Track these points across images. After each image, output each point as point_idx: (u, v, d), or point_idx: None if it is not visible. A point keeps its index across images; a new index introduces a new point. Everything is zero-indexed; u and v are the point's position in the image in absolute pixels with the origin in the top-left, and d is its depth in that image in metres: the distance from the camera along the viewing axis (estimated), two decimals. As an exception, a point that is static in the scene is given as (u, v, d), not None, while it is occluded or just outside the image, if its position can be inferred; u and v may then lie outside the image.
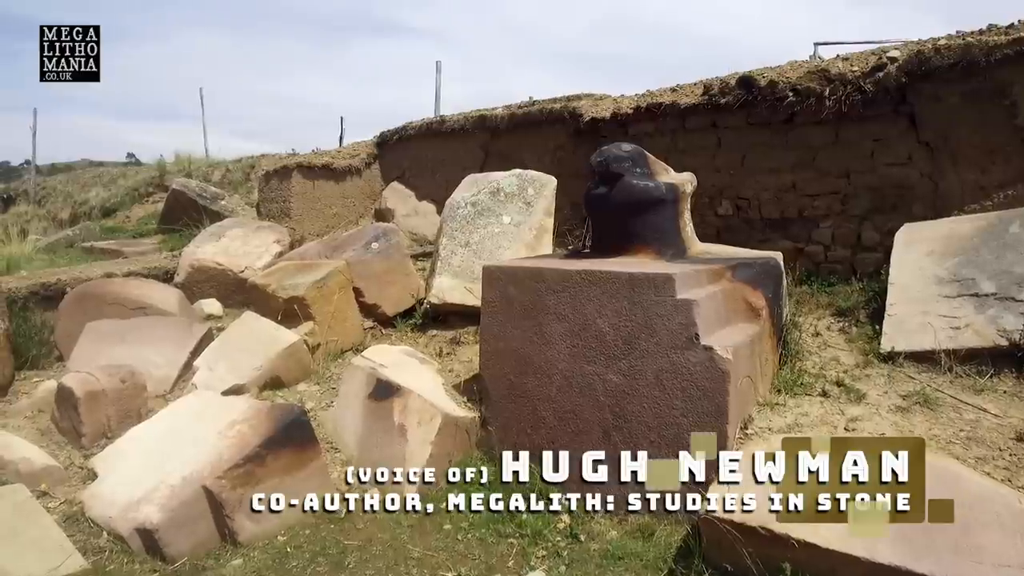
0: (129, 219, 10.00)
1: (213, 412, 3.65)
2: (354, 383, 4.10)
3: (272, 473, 3.25)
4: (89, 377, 3.84)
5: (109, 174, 13.22)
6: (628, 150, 3.67)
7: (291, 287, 4.71)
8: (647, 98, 5.86)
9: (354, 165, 8.29)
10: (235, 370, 4.29)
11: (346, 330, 4.92)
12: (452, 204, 5.32)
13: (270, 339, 4.46)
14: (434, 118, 7.81)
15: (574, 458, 3.47)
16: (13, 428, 4.05)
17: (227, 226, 6.56)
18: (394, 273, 5.24)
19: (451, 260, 5.13)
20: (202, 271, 5.80)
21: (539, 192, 5.38)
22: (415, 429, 3.71)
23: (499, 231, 5.23)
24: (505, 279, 3.75)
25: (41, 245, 8.59)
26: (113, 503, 3.19)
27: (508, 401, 3.77)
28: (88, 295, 5.01)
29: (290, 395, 4.41)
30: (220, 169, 10.65)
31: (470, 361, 4.73)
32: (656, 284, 3.15)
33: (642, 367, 3.23)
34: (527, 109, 6.83)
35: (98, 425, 3.82)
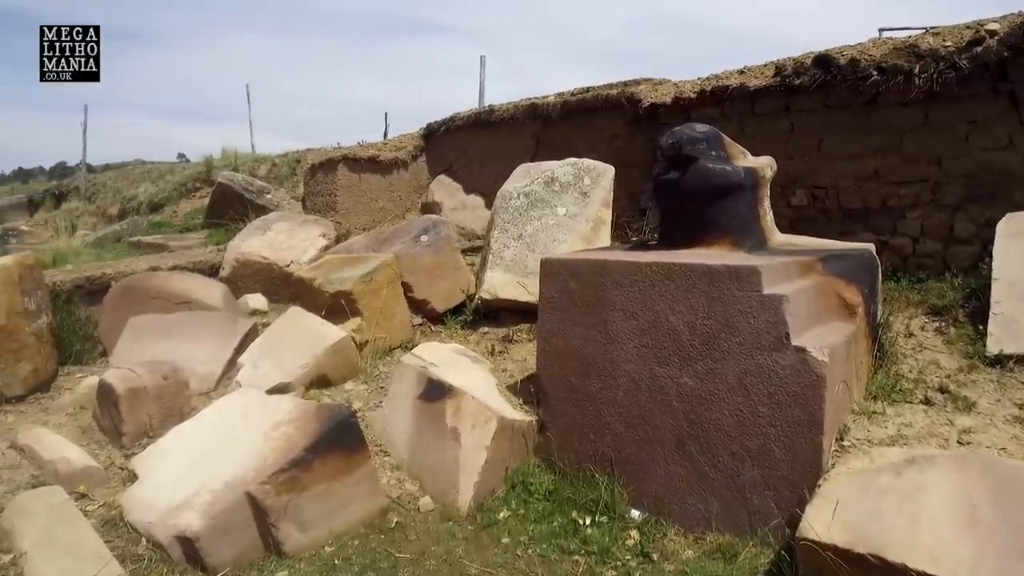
0: (176, 214, 10.01)
1: (258, 412, 3.47)
2: (404, 382, 3.89)
3: (319, 479, 3.05)
4: (130, 374, 3.70)
5: (158, 170, 13.35)
6: (703, 131, 3.37)
7: (338, 281, 4.52)
8: (712, 81, 5.52)
9: (400, 158, 8.10)
10: (280, 367, 4.11)
11: (394, 326, 4.72)
12: (504, 195, 5.07)
13: (316, 335, 4.27)
14: (482, 108, 7.58)
15: (643, 468, 3.22)
16: (54, 425, 3.94)
17: (272, 220, 6.43)
18: (444, 267, 5.02)
19: (503, 254, 4.88)
20: (247, 265, 5.66)
21: (596, 182, 5.10)
22: (469, 433, 3.47)
23: (554, 223, 4.97)
24: (565, 273, 3.49)
25: (89, 240, 8.63)
26: (153, 508, 3.02)
27: (568, 404, 3.51)
28: (132, 289, 4.90)
29: (337, 394, 4.22)
30: (266, 164, 10.60)
31: (524, 360, 4.48)
32: (739, 278, 2.85)
33: (722, 370, 2.93)
34: (581, 96, 6.53)
35: (139, 424, 3.67)
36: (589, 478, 3.37)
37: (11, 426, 3.93)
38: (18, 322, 4.12)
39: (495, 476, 3.47)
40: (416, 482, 3.55)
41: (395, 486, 3.50)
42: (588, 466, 3.41)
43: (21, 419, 4.03)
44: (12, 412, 4.11)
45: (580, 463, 3.46)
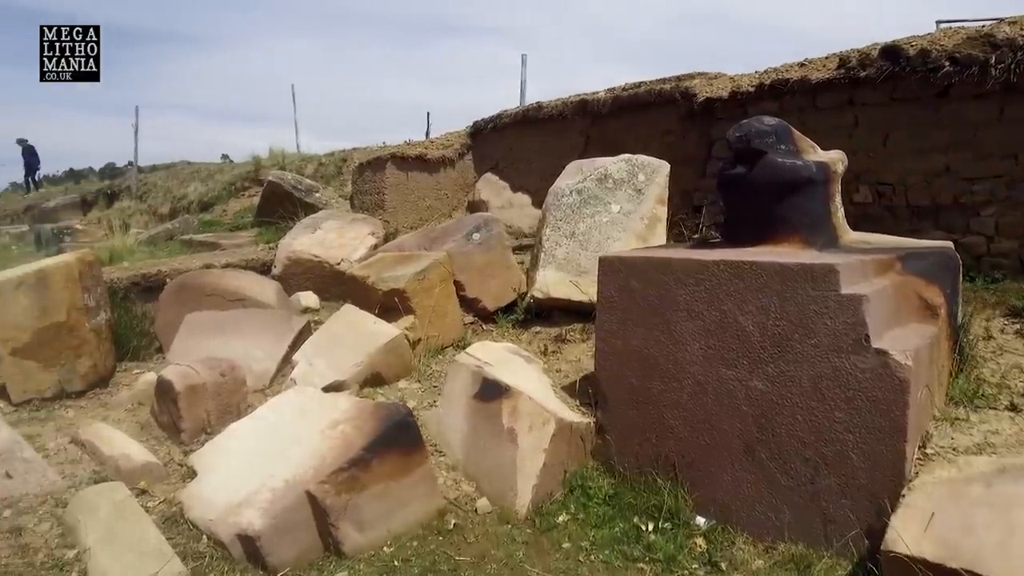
0: (226, 213, 10.15)
1: (315, 410, 3.45)
2: (458, 382, 3.84)
3: (377, 478, 3.01)
4: (189, 370, 3.71)
5: (207, 169, 13.57)
6: (772, 124, 3.24)
7: (391, 279, 4.49)
8: (771, 75, 5.37)
9: (447, 156, 8.08)
10: (335, 365, 4.10)
11: (446, 325, 4.68)
12: (556, 192, 4.99)
13: (370, 334, 4.25)
14: (530, 105, 7.51)
15: (709, 473, 3.11)
16: (114, 421, 3.98)
17: (322, 218, 6.45)
18: (495, 266, 4.96)
19: (555, 252, 4.81)
20: (299, 263, 5.68)
21: (651, 178, 4.99)
22: (526, 434, 3.41)
23: (607, 220, 4.87)
24: (626, 271, 3.40)
25: (142, 238, 8.79)
26: (213, 505, 3.01)
27: (629, 407, 3.43)
28: (187, 286, 4.95)
29: (391, 392, 4.19)
30: (313, 163, 10.69)
31: (578, 361, 4.40)
32: (815, 277, 2.73)
33: (795, 373, 2.81)
34: (633, 91, 6.42)
35: (198, 420, 3.69)
36: (651, 483, 3.28)
37: (71, 421, 3.98)
38: (78, 318, 4.18)
39: (553, 479, 3.40)
40: (472, 483, 3.50)
41: (451, 487, 3.45)
42: (649, 470, 3.31)
43: (81, 414, 4.09)
44: (72, 407, 4.17)
45: (641, 467, 3.37)
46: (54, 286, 4.09)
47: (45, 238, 13.40)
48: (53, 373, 4.16)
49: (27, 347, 4.08)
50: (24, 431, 3.76)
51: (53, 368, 4.16)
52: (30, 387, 4.13)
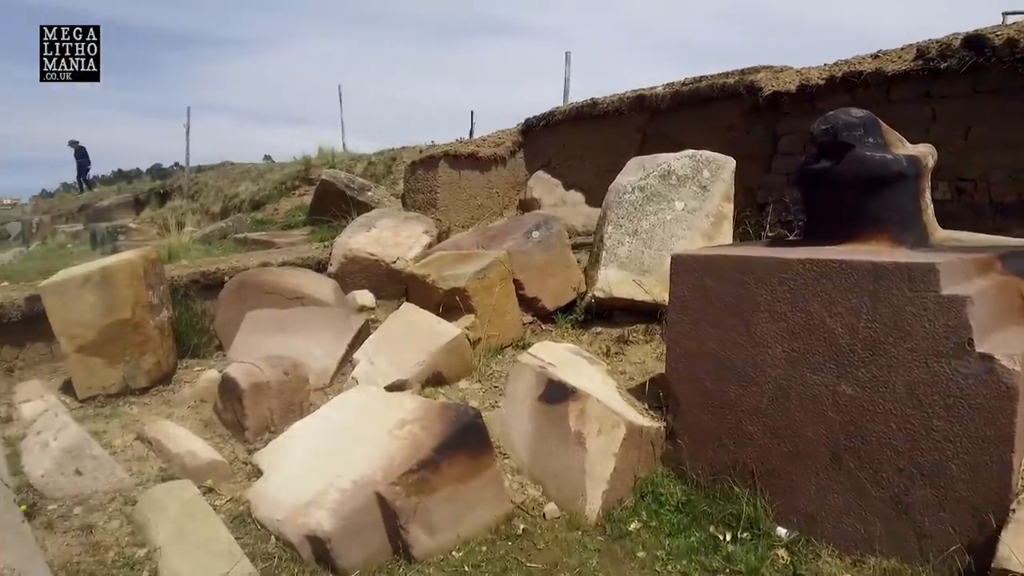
0: (277, 211, 10.25)
1: (380, 409, 3.42)
2: (521, 383, 3.77)
3: (447, 481, 2.96)
4: (253, 368, 3.71)
5: (257, 169, 13.75)
6: (859, 116, 3.10)
7: (451, 278, 4.44)
8: (842, 67, 5.18)
9: (499, 154, 8.02)
10: (396, 364, 4.07)
11: (505, 324, 4.61)
12: (617, 189, 4.89)
13: (431, 333, 4.21)
14: (584, 101, 7.40)
15: (791, 482, 2.98)
16: (177, 418, 4.01)
17: (376, 217, 6.45)
18: (555, 265, 4.88)
19: (617, 250, 4.70)
20: (355, 261, 5.68)
21: (716, 175, 4.85)
22: (594, 438, 3.32)
23: (671, 218, 4.75)
24: (701, 270, 3.29)
25: (197, 236, 8.93)
26: (280, 505, 2.99)
27: (703, 411, 3.31)
28: (246, 284, 4.97)
29: (452, 392, 4.14)
30: (362, 162, 10.73)
31: (642, 362, 4.30)
32: (912, 276, 2.58)
33: (888, 378, 2.67)
34: (693, 85, 6.27)
35: (262, 419, 3.68)
36: (727, 491, 3.16)
37: (136, 418, 4.02)
38: (143, 315, 4.22)
39: (623, 485, 3.31)
40: (538, 487, 3.42)
41: (517, 491, 3.38)
42: (725, 478, 3.20)
43: (145, 411, 4.13)
44: (136, 404, 4.21)
45: (716, 474, 3.25)
46: (119, 283, 4.14)
47: (100, 236, 13.75)
48: (118, 370, 4.21)
49: (92, 344, 4.14)
50: (90, 427, 3.81)
51: (118, 365, 4.21)
52: (95, 383, 4.19)
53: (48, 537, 2.80)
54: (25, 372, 4.79)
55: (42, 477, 3.08)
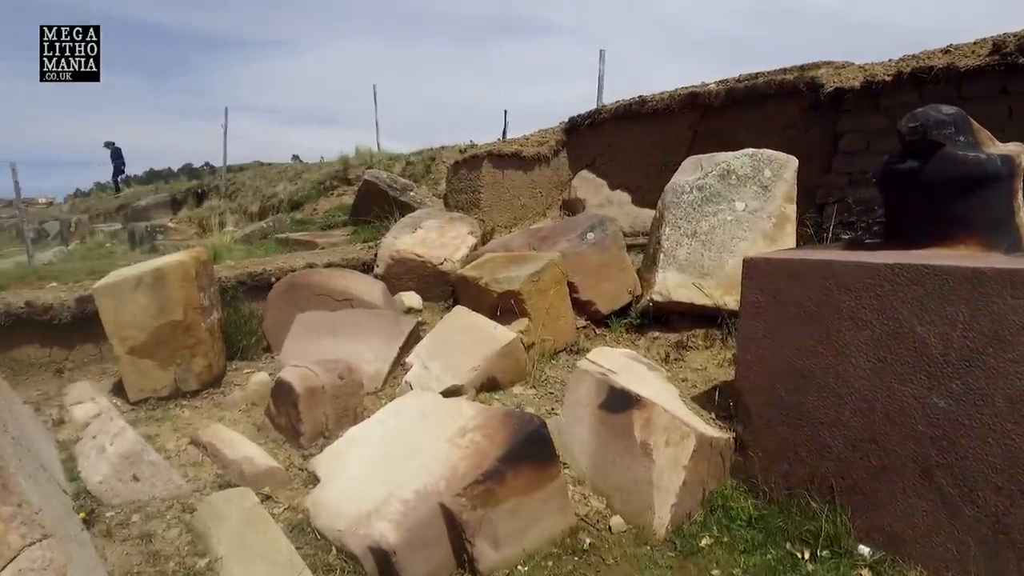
0: (316, 211, 10.28)
1: (438, 415, 3.35)
2: (581, 390, 3.67)
3: (511, 493, 2.87)
4: (308, 372, 3.67)
5: (294, 169, 13.85)
6: (950, 113, 2.95)
7: (505, 280, 4.36)
8: (910, 62, 4.99)
9: (542, 153, 7.92)
10: (451, 369, 4.00)
11: (559, 329, 4.52)
12: (675, 189, 4.77)
13: (486, 337, 4.13)
14: (633, 99, 7.27)
15: (875, 498, 2.85)
16: (229, 422, 3.98)
17: (421, 217, 6.40)
18: (610, 267, 4.78)
19: (676, 253, 4.58)
20: (402, 263, 5.63)
21: (777, 174, 4.71)
22: (662, 449, 3.21)
23: (731, 219, 4.62)
24: (775, 274, 3.16)
25: (238, 236, 8.98)
26: (340, 514, 2.94)
27: (777, 422, 3.19)
28: (295, 285, 4.95)
29: (507, 398, 4.06)
30: (400, 162, 10.72)
31: (703, 369, 4.18)
32: (1016, 283, 2.44)
33: (987, 390, 2.52)
34: (749, 82, 6.11)
35: (317, 424, 3.64)
36: (803, 506, 3.04)
37: (188, 421, 4.00)
38: (194, 317, 4.21)
39: (692, 498, 3.19)
40: (602, 499, 3.33)
41: (580, 502, 3.29)
42: (801, 492, 3.08)
43: (196, 414, 4.11)
44: (187, 407, 4.20)
45: (791, 488, 3.13)
46: (171, 285, 4.13)
47: (139, 236, 13.95)
48: (169, 372, 4.21)
49: (144, 346, 4.14)
50: (143, 431, 3.80)
51: (169, 367, 4.20)
52: (146, 386, 4.19)
53: (107, 546, 2.78)
54: (75, 373, 4.82)
55: (100, 483, 3.06)
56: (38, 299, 4.71)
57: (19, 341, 4.65)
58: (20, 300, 4.66)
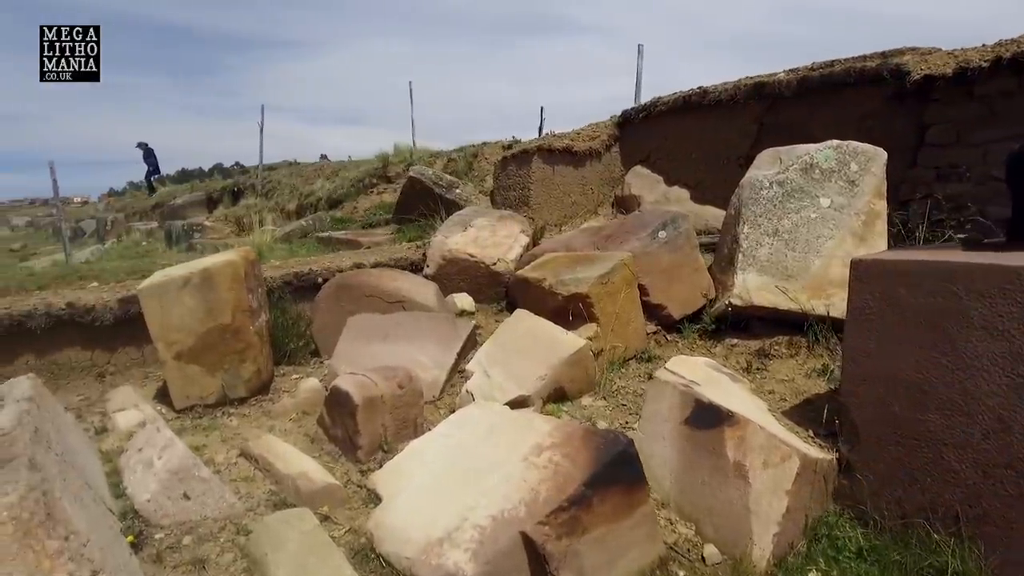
0: (356, 209, 10.11)
1: (509, 430, 3.10)
2: (663, 403, 3.40)
3: (599, 520, 2.61)
4: (366, 381, 3.45)
5: (331, 167, 13.73)
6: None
7: (572, 282, 4.10)
8: (1010, 47, 4.62)
9: (594, 148, 7.65)
10: (515, 378, 3.75)
11: (629, 334, 4.25)
12: (752, 184, 4.47)
13: (552, 343, 3.88)
14: (693, 90, 6.96)
15: (1011, 531, 2.53)
16: (280, 432, 3.79)
17: (470, 215, 6.17)
18: (682, 268, 4.49)
19: (756, 253, 4.28)
20: (454, 263, 5.40)
21: (865, 168, 4.39)
22: (759, 472, 2.93)
23: (816, 216, 4.31)
24: (890, 277, 2.86)
25: (278, 235, 8.85)
26: (408, 540, 2.70)
27: (891, 442, 2.88)
28: (345, 287, 4.74)
29: (575, 410, 3.81)
30: (442, 159, 10.50)
31: (790, 380, 3.88)
32: None
33: None
34: (825, 70, 5.77)
35: (375, 436, 3.42)
36: (923, 537, 2.73)
37: (236, 430, 3.82)
38: (243, 320, 4.02)
39: (794, 527, 2.90)
40: (690, 525, 3.05)
41: (667, 528, 3.02)
42: (920, 522, 2.77)
43: (245, 423, 3.92)
44: (235, 415, 4.02)
45: (906, 516, 2.82)
46: (220, 286, 3.95)
47: (175, 234, 13.95)
48: (217, 378, 4.03)
49: (191, 351, 3.96)
50: (189, 441, 3.62)
51: (217, 373, 4.02)
52: (193, 393, 4.02)
53: (158, 573, 2.58)
54: (117, 377, 4.67)
55: (148, 502, 2.87)
56: (80, 300, 4.57)
57: (60, 344, 4.51)
58: (61, 301, 4.52)
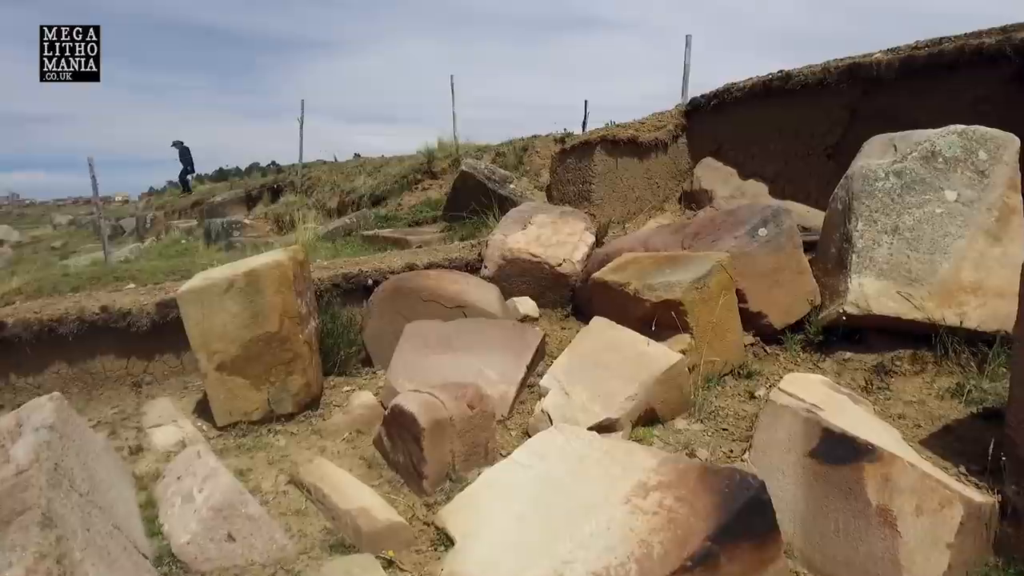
0: (401, 207, 9.75)
1: (603, 463, 2.66)
2: (780, 430, 2.93)
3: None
4: (433, 400, 3.03)
5: (372, 163, 13.40)
6: None
7: (662, 287, 3.64)
8: None
9: (660, 139, 7.15)
10: (600, 397, 3.31)
11: (726, 347, 3.77)
12: (865, 175, 3.95)
13: (640, 357, 3.42)
14: (773, 74, 6.42)
15: None
16: (332, 454, 3.40)
17: (529, 212, 5.73)
18: (784, 271, 3.99)
19: (873, 253, 3.77)
20: (515, 263, 4.97)
21: (996, 157, 3.85)
22: (911, 519, 2.45)
23: (941, 212, 3.78)
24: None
25: (320, 233, 8.52)
26: (491, 597, 2.28)
27: (1079, 487, 2.36)
28: (401, 290, 4.35)
29: (668, 434, 3.35)
30: (489, 153, 10.08)
31: (920, 403, 3.38)
32: None
33: None
34: (933, 48, 5.21)
35: (442, 464, 3.00)
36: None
37: (284, 451, 3.44)
38: (292, 328, 3.65)
39: (957, 587, 2.41)
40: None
41: (798, 585, 2.55)
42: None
43: (293, 443, 3.55)
44: (283, 433, 3.65)
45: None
46: (267, 290, 3.58)
47: (215, 232, 13.79)
48: (263, 392, 3.66)
49: (235, 361, 3.60)
50: (233, 464, 3.26)
51: (263, 386, 3.65)
52: (236, 408, 3.65)
53: (199, 633, 2.19)
54: (154, 388, 4.35)
55: (187, 544, 2.48)
56: (115, 303, 4.24)
57: (94, 351, 4.20)
58: (95, 304, 4.20)
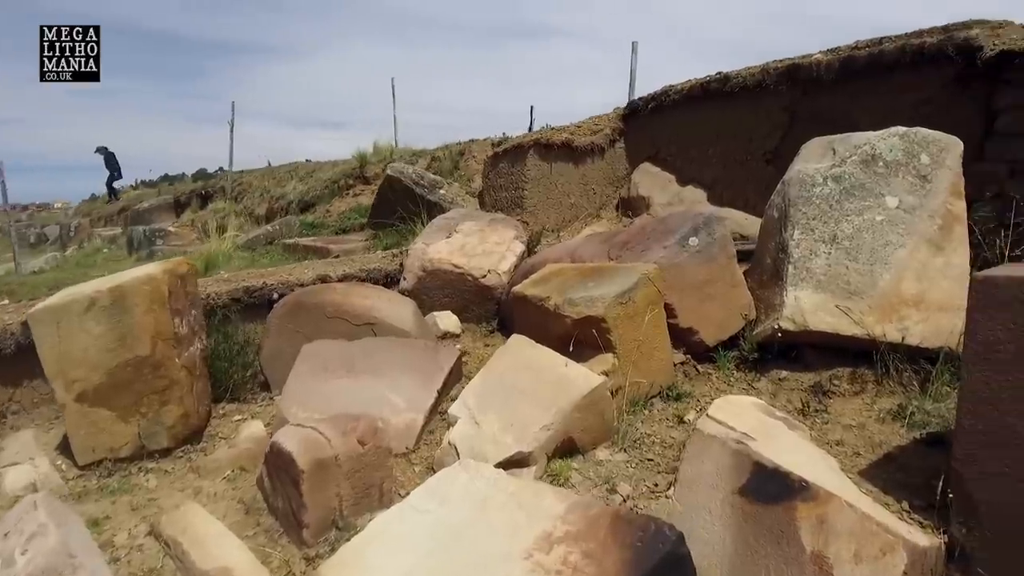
0: (330, 213, 9.32)
1: (507, 508, 2.34)
2: (706, 463, 2.65)
3: (638, 656, 1.84)
4: (316, 437, 2.66)
5: (305, 168, 12.93)
6: None
7: (584, 302, 3.33)
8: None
9: (596, 143, 6.91)
10: (513, 427, 2.98)
11: (653, 367, 3.49)
12: (802, 180, 3.73)
13: (558, 380, 3.11)
14: (711, 76, 6.22)
15: None
16: (209, 496, 3.01)
17: (456, 219, 5.40)
18: (717, 283, 3.73)
19: (810, 264, 3.54)
20: (436, 275, 4.64)
21: (938, 160, 3.67)
22: (849, 568, 2.19)
23: (881, 219, 3.58)
24: (1028, 301, 2.11)
25: (240, 242, 8.06)
26: None
27: (1032, 529, 2.13)
28: (303, 306, 3.97)
29: (588, 467, 3.04)
30: (425, 158, 9.74)
31: (860, 427, 3.14)
32: None
33: None
34: (873, 48, 5.05)
35: (326, 510, 2.63)
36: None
37: (153, 495, 3.05)
38: (166, 352, 3.24)
39: (900, 645, 2.15)
40: (753, 637, 2.29)
41: (722, 645, 2.25)
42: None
43: (165, 483, 3.15)
44: (155, 472, 3.25)
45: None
46: (135, 308, 3.17)
47: (137, 240, 13.14)
48: (132, 425, 3.24)
49: (98, 390, 3.18)
50: (91, 511, 2.86)
51: (132, 419, 3.24)
52: (101, 444, 3.23)
53: None
54: (20, 418, 3.89)
55: (-3, 621, 2.07)
56: (-28, 323, 3.77)
57: (-52, 378, 3.72)
58: (-52, 325, 3.72)
